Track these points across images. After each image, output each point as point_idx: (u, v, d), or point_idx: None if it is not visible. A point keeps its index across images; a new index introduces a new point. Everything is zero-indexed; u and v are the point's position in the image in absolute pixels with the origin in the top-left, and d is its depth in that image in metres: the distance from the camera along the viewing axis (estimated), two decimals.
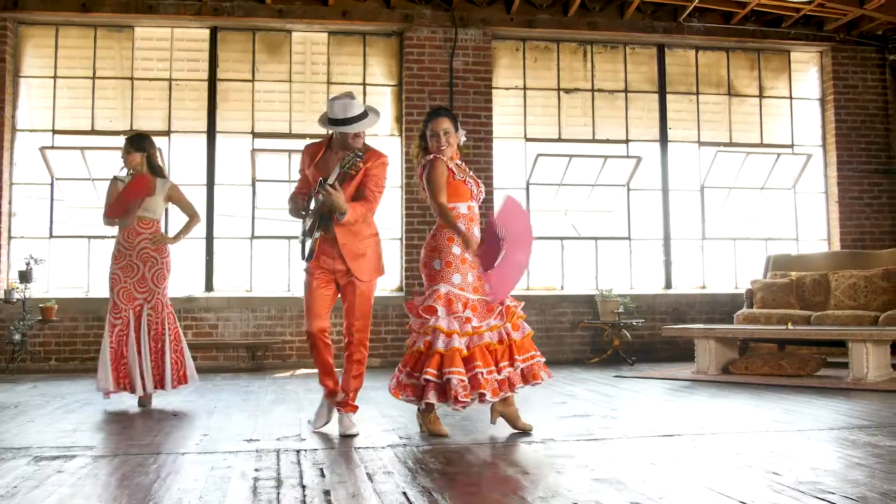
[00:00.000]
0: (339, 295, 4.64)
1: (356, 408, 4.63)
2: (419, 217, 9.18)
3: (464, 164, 4.70)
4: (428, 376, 4.31)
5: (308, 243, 4.56)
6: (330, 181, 4.29)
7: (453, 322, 4.38)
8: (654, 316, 9.63)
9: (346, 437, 4.34)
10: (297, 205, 4.64)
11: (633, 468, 3.48)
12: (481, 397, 4.31)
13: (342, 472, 3.46)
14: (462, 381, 4.27)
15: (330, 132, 4.62)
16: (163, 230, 6.06)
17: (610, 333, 9.20)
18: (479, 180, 4.72)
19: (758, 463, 3.54)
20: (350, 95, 4.45)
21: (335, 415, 4.68)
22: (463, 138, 4.70)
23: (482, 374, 4.30)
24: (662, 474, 3.36)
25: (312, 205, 4.59)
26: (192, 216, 6.08)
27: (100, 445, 4.18)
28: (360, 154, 4.35)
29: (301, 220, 4.69)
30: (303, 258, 4.62)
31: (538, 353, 4.58)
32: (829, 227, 10.30)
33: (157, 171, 5.94)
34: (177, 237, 6.03)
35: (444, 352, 4.33)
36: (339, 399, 4.60)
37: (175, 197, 6.00)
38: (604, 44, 9.99)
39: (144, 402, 5.72)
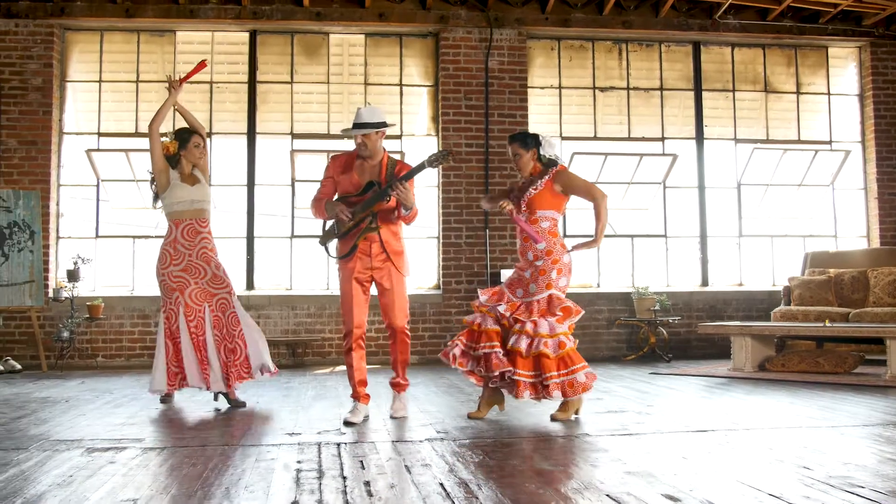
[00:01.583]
0: (377, 289, 5.02)
1: (406, 385, 5.06)
2: (455, 216, 9.28)
3: (536, 179, 5.01)
4: (486, 350, 4.82)
5: (351, 242, 4.91)
6: (405, 179, 4.74)
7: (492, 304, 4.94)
8: (690, 313, 9.63)
9: (395, 420, 4.82)
10: (338, 207, 4.86)
11: (665, 462, 3.55)
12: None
13: (382, 465, 3.58)
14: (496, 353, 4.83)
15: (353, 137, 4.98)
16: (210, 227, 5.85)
17: (646, 331, 9.22)
18: (526, 197, 4.97)
19: (789, 458, 3.58)
20: (372, 107, 4.97)
21: (369, 411, 5.02)
22: (549, 151, 5.00)
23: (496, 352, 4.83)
24: (694, 468, 3.43)
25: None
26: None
27: (149, 438, 4.34)
28: (448, 152, 4.87)
29: (325, 223, 5.08)
30: (341, 256, 4.97)
31: (532, 375, 4.77)
32: (869, 224, 10.21)
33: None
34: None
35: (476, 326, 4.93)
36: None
37: (200, 166, 5.84)
38: (639, 42, 10.00)
39: (224, 394, 5.62)
